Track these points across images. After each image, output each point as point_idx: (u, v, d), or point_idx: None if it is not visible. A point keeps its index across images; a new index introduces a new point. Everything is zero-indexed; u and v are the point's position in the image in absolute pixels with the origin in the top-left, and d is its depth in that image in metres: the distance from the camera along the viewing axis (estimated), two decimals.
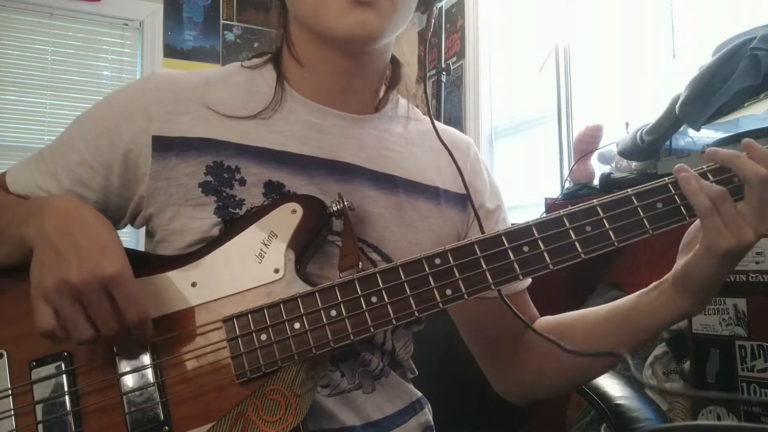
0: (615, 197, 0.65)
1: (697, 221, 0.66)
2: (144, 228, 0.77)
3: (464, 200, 0.82)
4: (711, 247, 0.63)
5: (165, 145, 0.71)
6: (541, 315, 0.86)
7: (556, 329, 0.79)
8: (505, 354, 0.84)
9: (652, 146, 1.46)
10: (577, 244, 0.63)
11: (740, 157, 0.64)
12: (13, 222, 0.65)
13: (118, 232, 0.78)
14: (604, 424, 0.96)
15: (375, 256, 0.74)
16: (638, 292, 0.73)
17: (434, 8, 0.80)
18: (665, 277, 0.71)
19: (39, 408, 0.60)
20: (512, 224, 0.66)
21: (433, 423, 0.85)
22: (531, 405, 0.87)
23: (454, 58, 2.95)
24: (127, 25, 3.20)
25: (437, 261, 0.63)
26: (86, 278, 0.55)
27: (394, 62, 0.82)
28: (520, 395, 0.87)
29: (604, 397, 0.96)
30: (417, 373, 0.86)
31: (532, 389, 0.85)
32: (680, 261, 0.68)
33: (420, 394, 0.84)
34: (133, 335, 0.59)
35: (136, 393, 0.60)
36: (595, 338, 0.75)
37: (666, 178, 0.65)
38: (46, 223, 0.60)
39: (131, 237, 2.87)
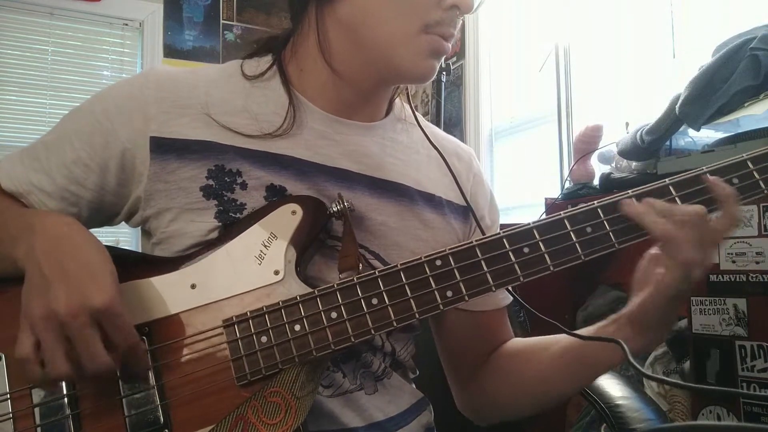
0: (616, 199, 0.65)
1: (646, 255, 0.67)
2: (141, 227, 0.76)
3: (465, 212, 0.81)
4: (662, 290, 0.64)
5: (163, 147, 0.70)
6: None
7: (521, 355, 0.82)
8: (467, 369, 0.86)
9: (652, 146, 1.46)
10: (577, 245, 0.63)
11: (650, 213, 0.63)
12: (3, 238, 0.63)
13: (113, 228, 0.77)
14: (604, 424, 0.95)
15: (376, 263, 0.73)
16: (594, 326, 0.72)
17: None
18: (620, 313, 0.70)
19: (38, 411, 0.59)
20: (513, 225, 0.66)
21: (434, 424, 0.85)
22: (488, 426, 0.89)
23: (454, 58, 2.94)
24: (127, 25, 3.20)
25: (438, 263, 0.63)
26: (73, 309, 0.54)
27: None
28: (475, 413, 0.88)
29: (604, 397, 0.95)
30: (418, 372, 0.86)
31: (486, 409, 0.86)
32: (635, 300, 0.68)
33: (422, 394, 0.84)
34: (129, 364, 0.58)
35: (136, 396, 0.60)
36: (552, 372, 0.76)
37: (667, 180, 0.65)
38: (36, 246, 0.58)
39: (131, 238, 2.87)
